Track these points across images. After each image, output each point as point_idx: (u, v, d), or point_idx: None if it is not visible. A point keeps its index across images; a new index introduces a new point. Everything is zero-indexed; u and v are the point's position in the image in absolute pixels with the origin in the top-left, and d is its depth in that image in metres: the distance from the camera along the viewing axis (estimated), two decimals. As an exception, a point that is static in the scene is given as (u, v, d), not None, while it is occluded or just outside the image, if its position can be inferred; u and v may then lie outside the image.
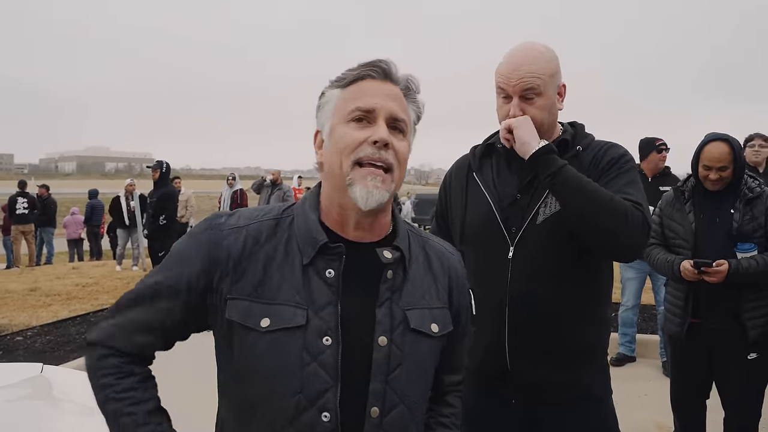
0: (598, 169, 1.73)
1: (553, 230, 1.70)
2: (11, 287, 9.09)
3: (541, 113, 1.72)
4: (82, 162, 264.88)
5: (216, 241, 1.13)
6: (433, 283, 1.22)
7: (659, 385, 4.70)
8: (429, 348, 1.17)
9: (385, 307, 1.12)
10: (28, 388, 2.14)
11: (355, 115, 1.12)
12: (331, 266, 1.11)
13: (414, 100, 1.20)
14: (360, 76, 1.15)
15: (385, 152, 1.10)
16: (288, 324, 1.07)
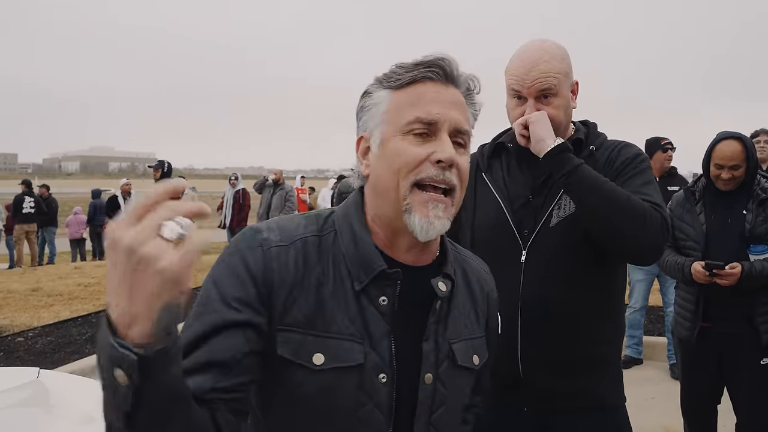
0: (613, 168, 1.69)
1: (568, 233, 1.65)
2: (13, 287, 9.06)
3: (558, 113, 1.67)
4: (86, 162, 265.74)
5: (266, 260, 0.96)
6: (473, 308, 1.14)
7: (667, 388, 4.67)
8: (471, 381, 1.11)
9: (432, 340, 1.03)
10: (24, 394, 2.09)
11: (415, 128, 0.98)
12: (385, 293, 1.00)
13: (473, 103, 1.07)
14: (418, 77, 1.00)
15: (450, 173, 0.98)
16: (345, 363, 0.96)
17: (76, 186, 70.66)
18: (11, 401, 2.06)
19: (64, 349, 5.76)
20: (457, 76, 1.03)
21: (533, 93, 1.65)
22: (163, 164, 8.48)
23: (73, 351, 5.70)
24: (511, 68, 1.71)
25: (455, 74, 1.02)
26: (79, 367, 4.92)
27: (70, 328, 6.57)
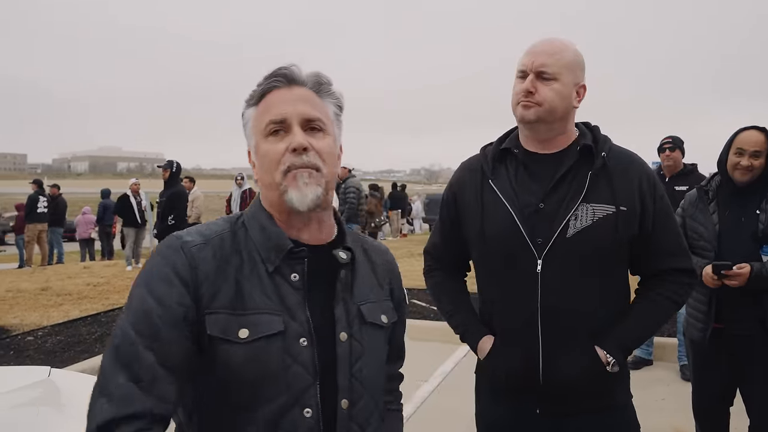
0: (644, 205, 1.70)
1: (585, 244, 1.64)
2: (23, 287, 9.12)
3: (554, 96, 1.67)
4: (95, 162, 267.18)
5: (190, 259, 1.10)
6: (374, 277, 1.29)
7: (677, 389, 4.65)
8: (382, 338, 1.25)
9: (341, 305, 1.18)
10: (35, 393, 2.10)
11: (270, 129, 1.15)
12: (296, 270, 1.15)
13: (329, 93, 1.21)
14: (266, 89, 1.17)
15: (306, 156, 1.13)
16: (267, 332, 1.09)
17: (85, 186, 71.01)
18: (23, 400, 2.07)
19: (73, 348, 5.79)
20: (300, 77, 1.18)
21: (535, 68, 1.68)
22: (172, 164, 8.51)
23: (83, 350, 5.72)
24: (520, 58, 1.74)
25: (297, 75, 1.17)
26: (89, 366, 4.95)
27: (79, 327, 6.60)
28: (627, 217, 1.65)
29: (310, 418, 1.10)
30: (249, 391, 1.08)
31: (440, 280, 2.00)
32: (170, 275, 1.08)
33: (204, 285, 1.09)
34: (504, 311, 1.75)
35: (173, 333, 1.05)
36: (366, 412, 1.18)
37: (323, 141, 1.16)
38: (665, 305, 1.75)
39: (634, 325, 1.71)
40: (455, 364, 5.42)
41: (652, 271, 1.77)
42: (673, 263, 1.74)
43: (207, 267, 1.10)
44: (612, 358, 1.66)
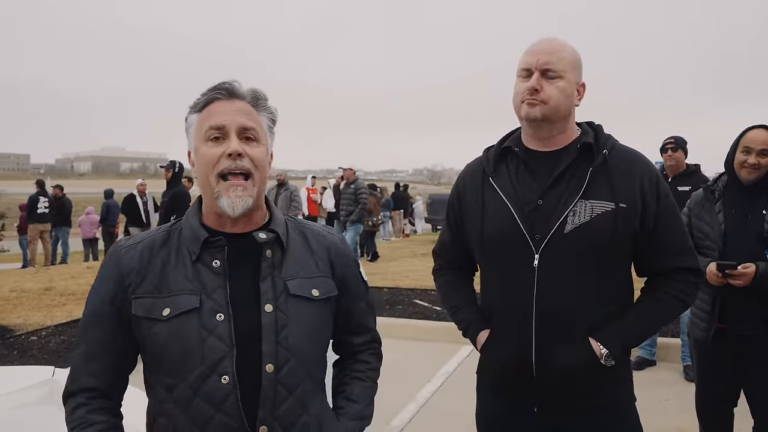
0: (645, 202, 1.69)
1: (583, 240, 1.64)
2: (27, 287, 9.14)
3: (558, 94, 1.68)
4: (98, 162, 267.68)
5: (117, 261, 1.32)
6: (311, 257, 1.41)
7: (681, 390, 4.64)
8: (314, 310, 1.35)
9: (268, 280, 1.31)
10: (39, 393, 2.11)
11: (210, 134, 1.29)
12: (217, 257, 1.30)
13: (265, 107, 1.36)
14: (209, 99, 1.32)
15: (240, 161, 1.27)
16: (185, 308, 1.25)
17: (89, 186, 71.11)
18: (27, 400, 2.08)
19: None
20: (240, 91, 1.33)
21: (540, 66, 1.69)
22: (175, 164, 8.51)
23: (86, 350, 5.73)
24: (522, 57, 1.74)
25: (237, 91, 1.33)
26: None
27: (82, 327, 6.61)
28: (627, 214, 1.66)
29: (227, 384, 1.23)
30: (174, 364, 1.24)
31: (449, 278, 2.02)
32: (105, 274, 1.33)
33: (129, 276, 1.29)
34: (500, 305, 1.76)
35: (108, 321, 1.30)
36: (294, 376, 1.29)
37: (257, 149, 1.31)
38: (671, 304, 1.74)
39: (634, 321, 1.71)
40: (458, 364, 5.42)
41: (657, 271, 1.77)
42: (679, 262, 1.74)
43: (132, 263, 1.31)
44: (605, 349, 1.65)
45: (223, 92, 1.32)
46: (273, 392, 1.26)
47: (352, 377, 1.50)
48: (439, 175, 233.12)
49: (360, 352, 1.54)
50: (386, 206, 19.19)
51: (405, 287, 8.53)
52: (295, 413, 1.29)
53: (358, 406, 1.46)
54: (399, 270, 10.22)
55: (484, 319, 1.85)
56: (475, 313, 1.88)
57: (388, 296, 8.02)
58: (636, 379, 1.88)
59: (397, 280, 9.15)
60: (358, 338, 1.53)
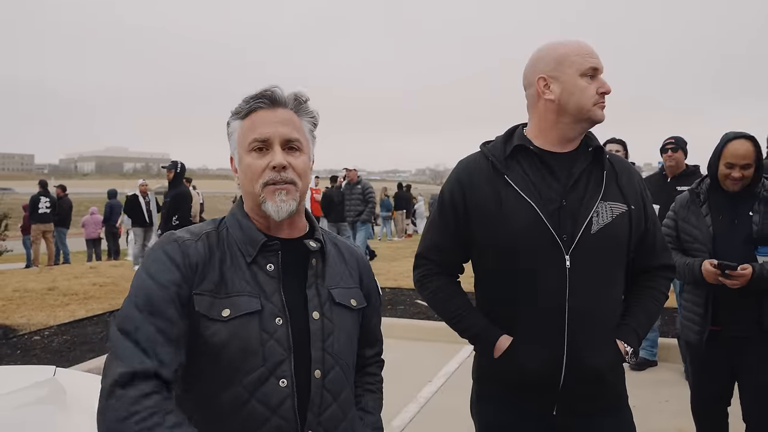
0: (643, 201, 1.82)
1: (608, 240, 1.70)
2: (30, 286, 9.17)
3: None
4: (101, 162, 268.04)
5: (184, 249, 1.28)
6: (346, 268, 1.46)
7: (681, 391, 4.59)
8: (352, 319, 1.41)
9: (313, 288, 1.35)
10: (40, 392, 2.11)
11: (254, 146, 1.31)
12: (271, 261, 1.32)
13: (307, 112, 1.38)
14: (252, 108, 1.33)
15: (285, 173, 1.30)
16: (246, 310, 1.25)
17: (92, 186, 71.19)
18: (28, 399, 2.08)
19: (79, 348, 5.83)
20: (282, 98, 1.33)
21: (601, 70, 1.75)
22: (176, 165, 8.52)
23: (89, 349, 5.76)
24: (569, 53, 1.73)
25: (280, 98, 1.33)
26: (95, 366, 4.98)
27: (85, 327, 6.64)
28: (637, 216, 1.75)
29: (285, 388, 1.25)
30: (232, 365, 1.23)
31: (442, 284, 1.91)
32: (167, 262, 1.26)
33: (194, 270, 1.27)
34: (528, 307, 1.69)
35: (169, 309, 1.21)
36: (337, 381, 1.33)
37: (299, 159, 1.34)
38: (659, 299, 1.85)
39: (643, 318, 1.80)
40: (459, 364, 5.43)
41: (644, 268, 1.87)
42: (662, 260, 1.88)
43: (196, 257, 1.28)
44: (630, 348, 1.74)
45: (266, 101, 1.33)
46: (320, 398, 1.29)
47: (364, 389, 1.54)
48: (441, 175, 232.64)
49: (369, 365, 1.58)
50: (385, 206, 19.19)
51: (407, 287, 8.54)
52: (337, 418, 1.32)
53: (373, 417, 1.51)
54: (401, 270, 10.22)
55: (495, 324, 1.78)
56: (482, 318, 1.80)
57: (389, 296, 8.04)
58: (637, 379, 1.95)
59: (399, 280, 9.16)
60: (371, 350, 1.58)
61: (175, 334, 1.21)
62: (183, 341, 1.22)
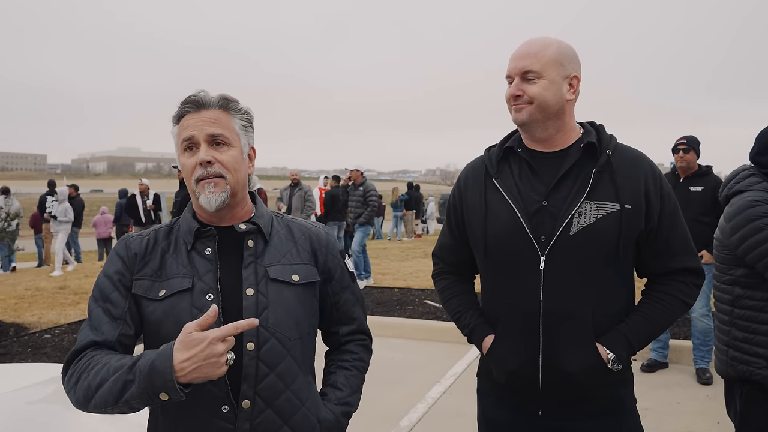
0: (650, 202, 1.69)
1: (589, 241, 1.63)
2: (41, 285, 9.25)
3: (540, 91, 1.68)
4: (113, 162, 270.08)
5: (126, 245, 1.48)
6: (294, 246, 1.53)
7: (693, 393, 4.60)
8: (294, 293, 1.47)
9: (250, 267, 1.44)
10: (48, 390, 2.13)
11: (184, 146, 1.44)
12: (208, 246, 1.45)
13: (236, 109, 1.48)
14: (182, 113, 1.45)
15: (211, 168, 1.41)
16: (178, 288, 1.39)
17: (104, 186, 71.75)
18: (36, 397, 2.10)
19: (89, 346, 5.85)
20: (207, 101, 1.44)
21: (517, 73, 1.71)
22: (187, 165, 8.55)
23: (99, 348, 5.78)
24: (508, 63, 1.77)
25: (204, 101, 1.44)
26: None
27: (95, 325, 6.67)
28: (631, 215, 1.65)
29: None
30: (168, 339, 1.30)
31: (449, 283, 1.99)
32: (114, 257, 1.47)
33: (135, 260, 1.45)
34: (506, 308, 1.74)
35: (113, 293, 1.41)
36: (274, 353, 1.40)
37: (227, 153, 1.43)
38: (673, 305, 1.72)
39: (639, 324, 1.69)
40: (468, 365, 5.40)
41: (659, 271, 1.75)
42: (680, 263, 1.73)
43: (137, 249, 1.46)
44: (612, 354, 1.64)
45: (191, 105, 1.44)
46: (254, 369, 1.38)
47: (337, 366, 1.60)
48: (451, 175, 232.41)
49: (347, 342, 1.64)
50: (398, 207, 19.17)
51: (416, 287, 8.53)
52: (276, 388, 1.40)
53: (341, 392, 1.55)
54: (411, 270, 10.22)
55: (489, 323, 1.82)
56: (478, 318, 1.86)
57: (398, 296, 8.03)
58: (648, 381, 1.87)
59: (408, 280, 9.15)
60: (345, 328, 1.63)
61: (118, 313, 1.40)
62: (128, 317, 1.41)
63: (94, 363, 1.29)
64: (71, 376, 1.32)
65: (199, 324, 1.22)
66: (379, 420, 4.18)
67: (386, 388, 4.72)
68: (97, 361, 1.29)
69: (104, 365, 1.27)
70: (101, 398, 1.25)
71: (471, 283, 2.01)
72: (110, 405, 1.25)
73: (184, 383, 1.21)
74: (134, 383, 1.22)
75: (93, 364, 1.29)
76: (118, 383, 1.23)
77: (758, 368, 2.24)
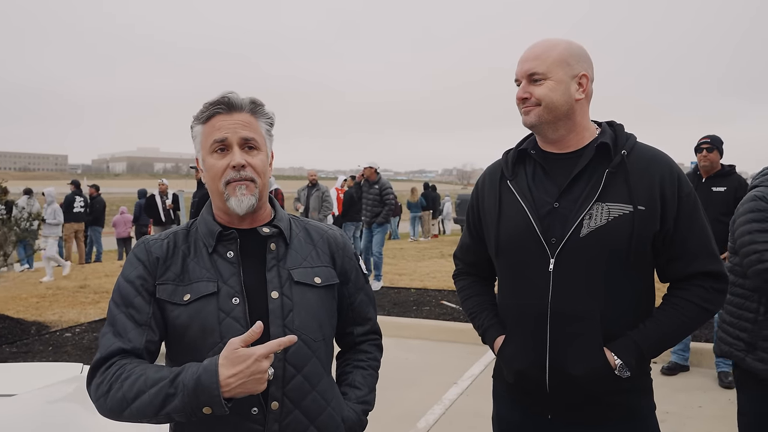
0: (666, 204, 1.63)
1: (599, 243, 1.60)
2: (62, 284, 9.39)
3: (548, 92, 1.66)
4: (132, 162, 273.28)
5: (147, 248, 1.45)
6: (314, 249, 1.54)
7: (715, 397, 4.53)
8: (316, 296, 1.48)
9: (273, 270, 1.44)
10: (67, 389, 2.14)
11: (215, 147, 1.42)
12: (230, 249, 1.44)
13: (263, 113, 1.48)
14: (211, 113, 1.43)
15: (244, 171, 1.41)
16: (203, 293, 1.38)
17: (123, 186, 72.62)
18: (56, 396, 2.12)
19: (109, 345, 5.92)
20: (239, 103, 1.43)
21: (523, 75, 1.71)
22: (205, 165, 8.62)
23: (118, 347, 5.84)
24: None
25: (236, 103, 1.43)
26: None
27: (115, 324, 6.74)
28: (645, 217, 1.60)
29: None
30: (194, 344, 1.36)
31: (467, 283, 2.01)
32: (134, 261, 1.44)
33: (157, 264, 1.43)
34: (515, 310, 1.73)
35: (136, 299, 1.39)
36: (300, 355, 1.41)
37: (257, 157, 1.44)
38: (691, 312, 1.65)
39: (651, 330, 1.63)
40: (485, 366, 5.37)
41: (678, 276, 1.69)
42: (699, 266, 1.65)
43: (158, 252, 1.44)
44: (620, 360, 1.60)
45: (223, 106, 1.43)
46: (282, 371, 1.38)
47: (354, 366, 1.61)
48: (468, 175, 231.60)
49: (361, 342, 1.65)
50: (415, 207, 19.14)
51: (432, 288, 8.50)
52: (303, 389, 1.41)
53: (360, 391, 1.57)
54: (427, 271, 10.19)
55: (502, 323, 1.82)
56: (492, 319, 1.86)
57: (415, 297, 8.01)
58: (669, 384, 1.84)
59: (425, 280, 9.13)
60: (360, 328, 1.65)
61: (143, 319, 1.38)
62: (152, 323, 1.39)
63: (127, 373, 1.27)
64: (100, 384, 1.30)
65: (244, 340, 1.22)
66: (396, 421, 4.17)
67: (403, 389, 4.71)
68: (130, 371, 1.28)
69: (140, 376, 1.26)
70: (138, 410, 1.24)
71: (490, 284, 2.01)
72: (148, 416, 1.24)
73: (227, 398, 1.21)
74: (176, 396, 1.22)
75: (126, 374, 1.27)
76: (159, 396, 1.23)
77: (737, 350, 2.47)
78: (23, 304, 7.83)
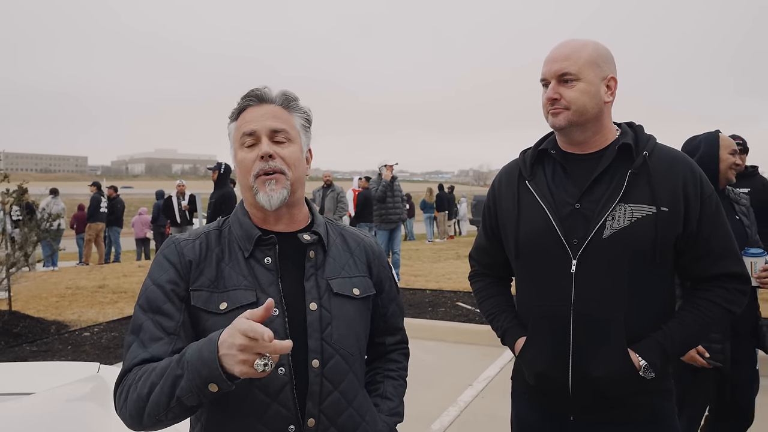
0: (689, 204, 1.62)
1: (622, 245, 1.59)
2: (81, 284, 9.50)
3: (579, 95, 1.64)
4: (150, 164, 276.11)
5: (179, 250, 1.37)
6: (351, 257, 1.48)
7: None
8: (355, 308, 1.42)
9: (312, 280, 1.38)
10: (85, 388, 2.16)
11: (244, 141, 1.37)
12: (268, 254, 1.37)
13: (297, 108, 1.43)
14: (242, 107, 1.40)
15: (272, 162, 1.35)
16: (242, 303, 1.30)
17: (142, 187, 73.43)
18: (73, 395, 2.13)
19: (126, 345, 5.97)
20: (269, 96, 1.40)
21: (553, 76, 1.67)
22: (221, 166, 8.68)
23: (136, 346, 5.89)
24: (542, 66, 1.73)
25: (267, 95, 1.39)
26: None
27: (133, 324, 6.81)
28: (668, 219, 1.59)
29: (283, 376, 1.30)
30: None
31: (484, 284, 2.00)
32: (164, 263, 1.36)
33: (189, 268, 1.35)
34: (537, 311, 1.72)
35: (165, 304, 1.31)
36: (338, 370, 1.35)
37: (288, 149, 1.38)
38: (713, 312, 1.64)
39: (677, 331, 1.62)
40: (500, 368, 5.33)
41: (700, 276, 1.69)
42: (722, 267, 1.65)
43: (191, 255, 1.36)
44: (644, 361, 1.59)
45: (254, 99, 1.40)
46: (319, 386, 1.32)
47: (384, 376, 1.57)
48: (484, 176, 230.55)
49: (391, 352, 1.61)
50: (429, 208, 19.10)
51: (448, 289, 8.48)
52: (339, 406, 1.35)
53: (392, 403, 1.53)
54: (443, 272, 10.16)
55: (522, 325, 1.81)
56: (512, 320, 1.85)
57: (430, 298, 7.99)
58: None
59: (441, 282, 9.10)
60: (392, 338, 1.61)
61: (172, 327, 1.30)
62: (182, 332, 1.30)
63: (140, 374, 1.23)
64: (121, 394, 1.25)
65: (252, 313, 1.12)
66: (410, 423, 4.14)
67: (418, 390, 4.69)
68: (143, 371, 1.23)
69: (151, 371, 1.21)
70: (154, 404, 1.18)
71: (507, 285, 2.00)
72: (163, 409, 1.17)
73: (228, 373, 1.11)
74: (183, 377, 1.14)
75: (139, 375, 1.23)
76: (168, 380, 1.16)
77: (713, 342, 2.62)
78: (43, 303, 7.93)
